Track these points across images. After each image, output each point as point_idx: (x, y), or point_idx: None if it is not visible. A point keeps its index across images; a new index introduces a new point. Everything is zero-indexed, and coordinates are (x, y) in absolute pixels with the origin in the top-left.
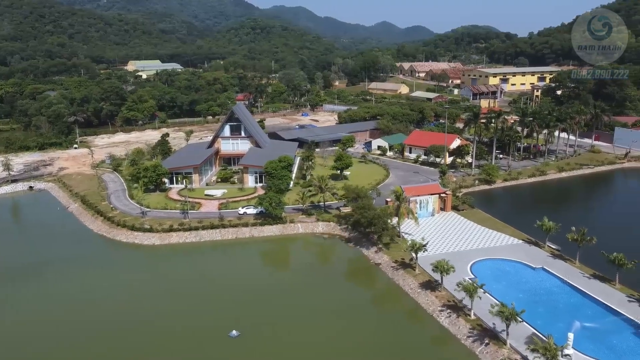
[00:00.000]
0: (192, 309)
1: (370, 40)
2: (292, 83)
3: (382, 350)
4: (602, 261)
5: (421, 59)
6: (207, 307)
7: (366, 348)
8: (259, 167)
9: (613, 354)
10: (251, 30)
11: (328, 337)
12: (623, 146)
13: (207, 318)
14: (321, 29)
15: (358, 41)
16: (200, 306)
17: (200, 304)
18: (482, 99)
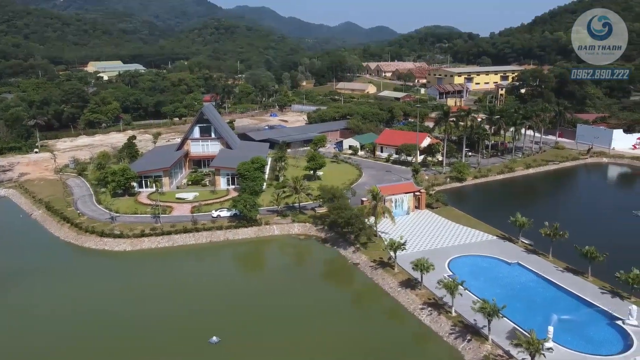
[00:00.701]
0: (169, 316)
1: (334, 40)
2: (260, 83)
3: (365, 350)
4: (574, 255)
5: (387, 58)
6: (184, 313)
7: (348, 348)
8: (231, 169)
9: (590, 345)
10: (215, 30)
11: (310, 339)
12: (585, 142)
13: (185, 325)
14: (285, 29)
15: (323, 41)
16: (177, 313)
17: (177, 311)
18: (449, 97)
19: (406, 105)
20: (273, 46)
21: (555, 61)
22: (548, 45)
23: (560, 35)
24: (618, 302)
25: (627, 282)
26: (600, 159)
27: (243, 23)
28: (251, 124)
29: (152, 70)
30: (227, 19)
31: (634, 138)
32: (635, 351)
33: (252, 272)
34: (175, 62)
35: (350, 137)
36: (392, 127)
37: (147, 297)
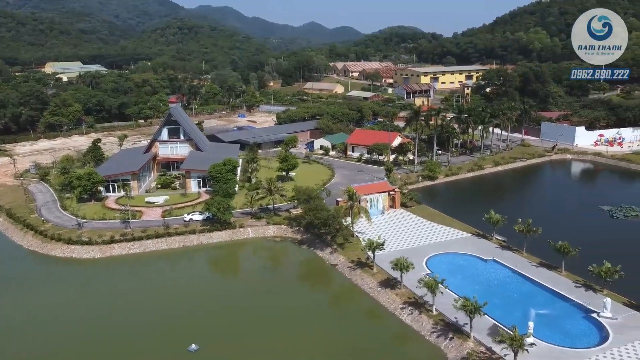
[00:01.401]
0: (144, 325)
1: (299, 40)
2: (226, 84)
3: (347, 351)
4: (547, 250)
5: (353, 58)
6: (160, 321)
7: (330, 350)
8: (202, 171)
9: (568, 338)
10: (178, 31)
11: (291, 342)
12: (550, 140)
13: (162, 333)
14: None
15: (287, 41)
16: (153, 321)
17: (152, 319)
18: (416, 97)
19: (375, 105)
20: (238, 46)
21: (516, 61)
22: (509, 45)
23: (520, 36)
24: (592, 295)
25: (599, 276)
26: (564, 156)
27: (206, 23)
28: (219, 125)
29: (114, 71)
30: (189, 18)
31: (595, 135)
32: (611, 343)
33: (228, 276)
34: (138, 63)
35: (320, 137)
36: (362, 127)
37: (120, 306)
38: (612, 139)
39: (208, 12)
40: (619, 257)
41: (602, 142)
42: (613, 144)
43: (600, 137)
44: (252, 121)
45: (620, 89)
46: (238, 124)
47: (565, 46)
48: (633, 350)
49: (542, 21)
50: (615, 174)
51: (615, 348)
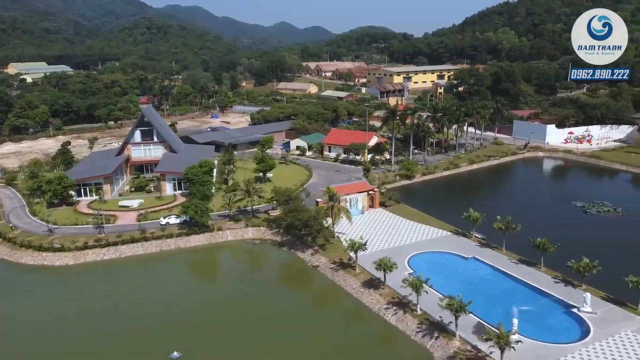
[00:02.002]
0: (123, 333)
1: (270, 40)
2: (198, 84)
3: (332, 352)
4: (525, 247)
5: (326, 58)
6: (139, 328)
7: (315, 352)
8: (178, 174)
9: (551, 334)
10: (147, 30)
11: (275, 345)
12: (522, 138)
13: (142, 341)
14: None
15: (259, 41)
16: (132, 328)
17: (131, 326)
18: (390, 96)
19: (349, 105)
20: (209, 46)
21: (486, 60)
22: (479, 45)
23: (490, 36)
24: (571, 290)
25: (578, 271)
26: (536, 154)
27: (176, 23)
28: (192, 126)
29: (82, 72)
30: (158, 18)
31: (566, 133)
32: (593, 337)
33: (207, 280)
34: (106, 63)
35: (296, 137)
36: (338, 127)
37: (97, 314)
38: (582, 136)
39: (177, 11)
40: (595, 252)
41: (572, 140)
42: (582, 141)
43: (570, 135)
44: (226, 122)
45: (586, 88)
46: (212, 125)
47: (532, 46)
48: (614, 343)
49: (510, 21)
50: (586, 170)
51: (597, 342)
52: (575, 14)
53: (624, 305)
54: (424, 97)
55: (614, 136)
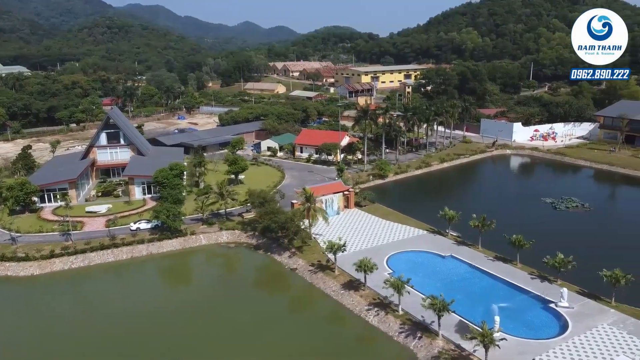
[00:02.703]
0: (95, 345)
1: (235, 40)
2: (164, 85)
3: (313, 356)
4: (500, 244)
5: (293, 58)
6: (112, 339)
7: (296, 356)
8: (147, 177)
9: (531, 330)
10: (107, 30)
11: (253, 350)
12: (489, 136)
13: (114, 353)
14: (182, 29)
15: (223, 41)
16: (104, 339)
17: (103, 337)
18: (359, 96)
19: (319, 105)
20: (172, 46)
21: (451, 60)
22: (444, 45)
23: (454, 36)
24: (547, 286)
25: (554, 267)
26: (504, 151)
27: (137, 22)
28: (158, 127)
29: (40, 73)
30: (119, 17)
31: (531, 130)
32: (571, 332)
33: (182, 286)
34: (65, 64)
35: (266, 138)
36: (308, 127)
37: (65, 326)
38: (547, 134)
39: (138, 10)
40: (567, 247)
41: (537, 137)
42: (547, 138)
43: (535, 133)
44: (193, 123)
45: (547, 87)
46: (179, 127)
47: (495, 46)
48: (592, 337)
49: (473, 22)
50: (552, 167)
51: (576, 336)
52: (534, 14)
53: (598, 299)
54: (393, 97)
55: (577, 133)
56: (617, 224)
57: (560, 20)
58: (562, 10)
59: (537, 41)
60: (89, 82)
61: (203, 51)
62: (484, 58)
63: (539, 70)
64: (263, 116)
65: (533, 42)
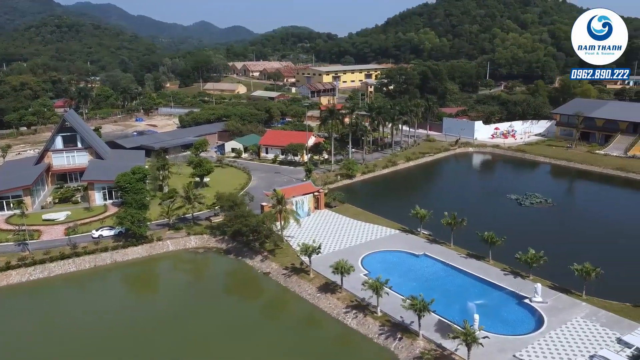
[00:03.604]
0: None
1: (191, 40)
2: (120, 86)
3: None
4: (472, 241)
5: (252, 58)
6: (76, 354)
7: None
8: (108, 182)
9: (508, 326)
10: (56, 29)
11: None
12: (452, 134)
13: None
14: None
15: (178, 41)
16: (67, 355)
17: (66, 353)
18: (321, 96)
19: (282, 105)
20: (126, 46)
21: (409, 60)
22: (402, 45)
23: (412, 36)
24: (520, 281)
25: (526, 262)
26: (467, 149)
27: (88, 21)
28: (116, 130)
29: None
30: (68, 16)
31: (492, 128)
32: (548, 326)
33: (149, 295)
34: (12, 64)
35: (229, 139)
36: (272, 127)
37: (25, 343)
38: (507, 131)
39: (88, 9)
40: (535, 243)
41: (498, 135)
42: (507, 136)
43: (496, 131)
44: (152, 125)
45: (503, 85)
46: (137, 129)
47: (452, 46)
48: (567, 331)
49: (430, 22)
50: (513, 163)
51: (552, 331)
52: (489, 15)
53: (569, 292)
54: (355, 96)
55: (535, 131)
56: (578, 218)
57: (513, 21)
58: (514, 11)
59: (492, 41)
60: (39, 83)
61: (159, 51)
62: (442, 58)
63: (495, 70)
64: (225, 117)
65: (488, 42)
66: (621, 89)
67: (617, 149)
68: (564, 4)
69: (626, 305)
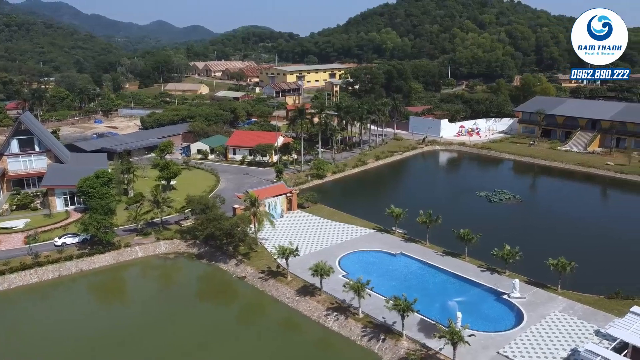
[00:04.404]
0: None
1: (148, 39)
2: (76, 87)
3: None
4: (446, 238)
5: (213, 58)
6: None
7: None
8: (70, 187)
9: (489, 322)
10: (5, 27)
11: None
12: (418, 133)
13: None
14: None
15: (135, 41)
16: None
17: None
18: (287, 95)
19: (247, 105)
20: (81, 45)
21: (372, 59)
22: (365, 45)
23: (374, 36)
24: (497, 277)
25: (502, 258)
26: (434, 147)
27: (39, 19)
28: (74, 132)
29: None
30: (17, 14)
31: (457, 126)
32: (528, 322)
33: (120, 304)
34: None
35: (195, 140)
36: (238, 128)
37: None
38: (471, 129)
39: (38, 7)
40: (507, 239)
41: (463, 133)
42: (472, 134)
43: (461, 129)
44: (113, 127)
45: (465, 84)
46: (97, 131)
47: (414, 45)
48: (547, 325)
49: (391, 22)
50: (479, 161)
51: (533, 326)
52: (448, 16)
53: (545, 287)
54: (321, 96)
55: (498, 128)
56: (546, 213)
57: (472, 21)
58: (472, 12)
59: (452, 41)
60: None
61: (115, 51)
62: (404, 57)
63: (457, 69)
64: (189, 118)
65: (449, 42)
66: (576, 87)
67: (577, 145)
68: (519, 5)
69: (600, 298)
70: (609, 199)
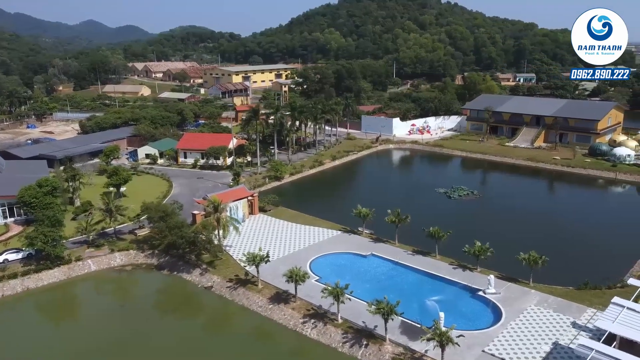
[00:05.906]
0: None
1: (79, 40)
2: (4, 90)
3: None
4: (414, 237)
5: (153, 58)
6: None
7: None
8: (8, 197)
9: (467, 320)
10: None
11: None
12: (371, 132)
13: None
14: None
15: (65, 41)
16: None
17: None
18: (234, 96)
19: (194, 106)
20: (6, 46)
21: (317, 59)
22: (309, 45)
23: (318, 36)
24: (470, 274)
25: (474, 255)
26: (387, 146)
27: None
28: (5, 139)
29: None
30: None
31: (409, 125)
32: (507, 317)
33: (74, 324)
34: None
35: (142, 144)
36: (187, 130)
37: None
38: (422, 127)
39: None
40: (472, 235)
41: (414, 131)
42: (423, 132)
43: (412, 127)
44: (49, 132)
45: (410, 84)
46: (31, 136)
47: (358, 46)
48: (526, 320)
49: (334, 22)
50: (432, 158)
51: (512, 321)
52: (390, 16)
53: (517, 281)
54: (270, 96)
55: (447, 126)
56: (504, 208)
57: (412, 22)
58: (413, 13)
59: (395, 41)
60: None
61: (44, 51)
62: (349, 57)
63: (401, 69)
64: (133, 121)
65: (392, 42)
66: (515, 85)
67: (524, 141)
68: (456, 6)
69: (570, 290)
70: (561, 192)
